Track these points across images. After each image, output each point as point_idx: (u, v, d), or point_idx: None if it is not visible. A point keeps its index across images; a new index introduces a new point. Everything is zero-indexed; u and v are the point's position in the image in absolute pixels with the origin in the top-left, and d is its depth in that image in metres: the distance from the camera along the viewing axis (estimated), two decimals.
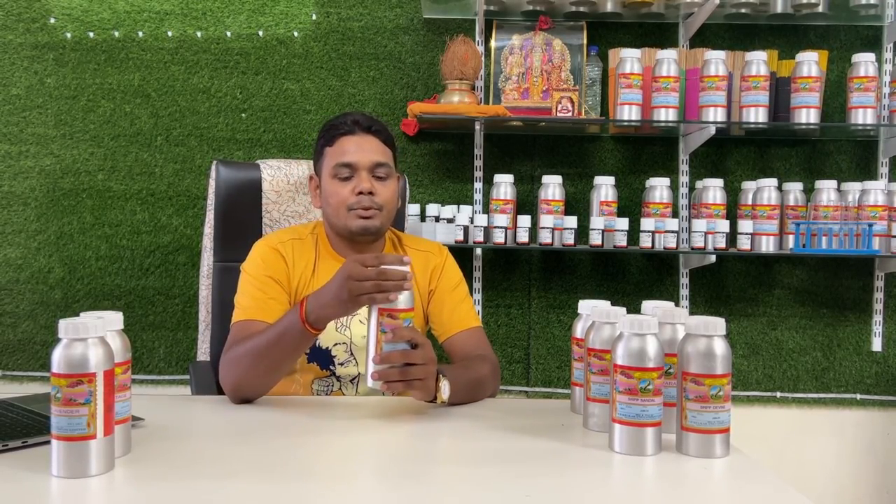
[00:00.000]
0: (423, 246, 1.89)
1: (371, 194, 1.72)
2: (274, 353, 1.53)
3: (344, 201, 1.73)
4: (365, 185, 1.71)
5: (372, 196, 1.72)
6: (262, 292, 1.71)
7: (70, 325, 1.11)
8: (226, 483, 1.12)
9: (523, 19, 2.83)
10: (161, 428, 1.37)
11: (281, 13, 2.81)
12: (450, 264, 1.87)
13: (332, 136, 1.77)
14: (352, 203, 1.72)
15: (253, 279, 1.73)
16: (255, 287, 1.72)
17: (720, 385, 1.22)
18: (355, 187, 1.72)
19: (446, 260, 1.87)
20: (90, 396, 1.09)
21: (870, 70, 2.57)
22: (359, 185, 1.71)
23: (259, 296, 1.71)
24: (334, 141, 1.76)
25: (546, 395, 2.86)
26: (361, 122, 1.77)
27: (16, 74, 2.78)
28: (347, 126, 1.76)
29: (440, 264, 1.85)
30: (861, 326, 2.85)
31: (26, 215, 2.79)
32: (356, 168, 1.73)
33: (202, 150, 2.81)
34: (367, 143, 1.75)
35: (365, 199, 1.71)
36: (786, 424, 2.87)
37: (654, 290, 2.84)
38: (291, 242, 1.79)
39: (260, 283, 1.72)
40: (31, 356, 2.80)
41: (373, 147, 1.75)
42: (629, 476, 1.19)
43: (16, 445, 1.23)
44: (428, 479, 1.18)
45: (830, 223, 2.58)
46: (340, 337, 1.76)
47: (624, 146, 2.87)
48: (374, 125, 1.77)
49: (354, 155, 1.73)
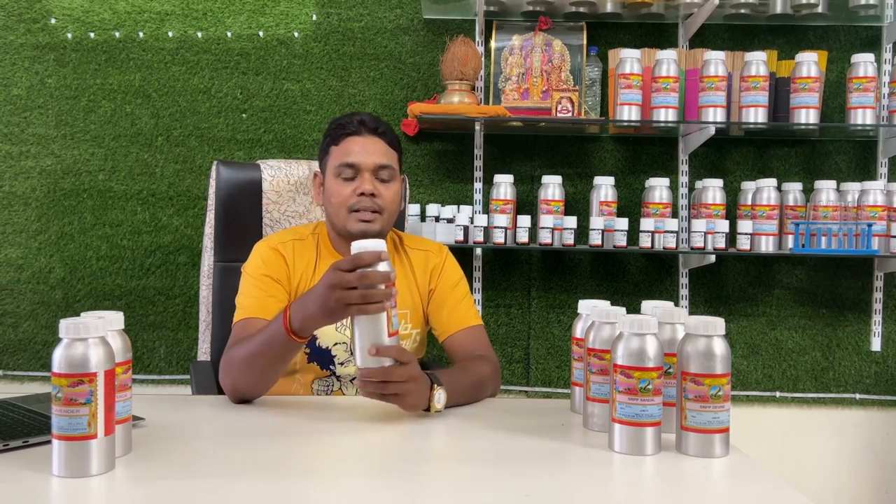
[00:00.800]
0: (424, 245, 1.89)
1: (373, 196, 1.72)
2: (262, 360, 1.52)
3: (345, 201, 1.73)
4: (367, 187, 1.72)
5: (373, 198, 1.72)
6: (262, 291, 1.72)
7: (71, 325, 1.11)
8: (226, 482, 1.12)
9: (523, 20, 2.83)
10: (162, 428, 1.37)
11: (281, 14, 2.81)
12: (450, 263, 1.87)
13: (339, 136, 1.77)
14: (353, 204, 1.72)
15: (253, 279, 1.74)
16: (255, 287, 1.73)
17: (720, 385, 1.23)
18: (357, 188, 1.72)
19: (446, 259, 1.87)
20: (91, 396, 1.09)
21: (869, 70, 2.57)
22: (361, 187, 1.72)
23: (259, 295, 1.71)
24: (340, 140, 1.77)
25: (546, 394, 2.87)
26: (368, 122, 1.77)
27: (17, 75, 2.79)
28: (354, 126, 1.76)
29: (440, 263, 1.86)
30: (860, 326, 2.85)
31: (27, 215, 2.80)
32: (359, 169, 1.73)
33: (203, 150, 2.81)
34: (372, 144, 1.75)
35: (366, 201, 1.72)
36: (785, 424, 2.87)
37: (653, 290, 2.85)
38: (292, 243, 1.80)
39: (260, 282, 1.73)
40: (32, 356, 2.81)
41: (377, 149, 1.75)
42: (629, 475, 1.19)
43: (17, 445, 1.23)
44: (428, 478, 1.18)
45: (830, 223, 2.58)
46: (340, 337, 1.77)
47: (623, 146, 2.87)
48: (381, 127, 1.77)
49: (359, 156, 1.73)
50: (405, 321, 1.81)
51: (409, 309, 1.81)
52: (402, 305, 1.79)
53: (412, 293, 1.83)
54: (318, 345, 1.77)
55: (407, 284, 1.82)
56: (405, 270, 1.84)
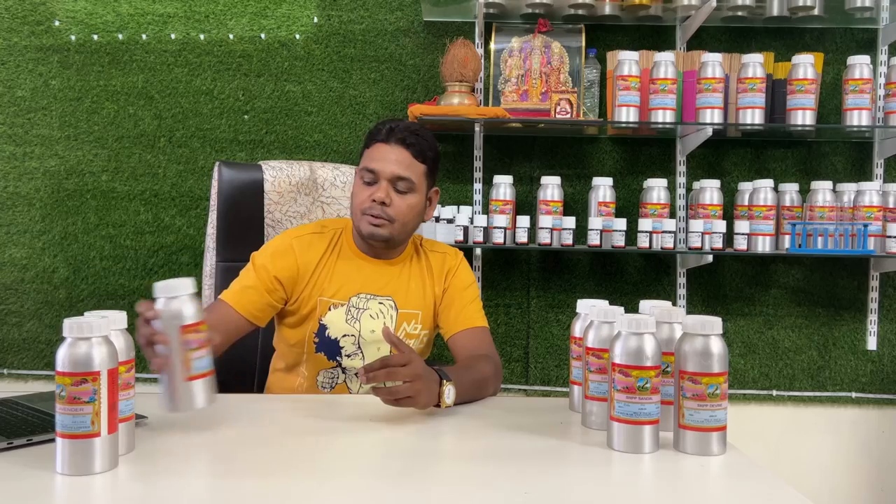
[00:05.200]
0: (441, 248, 1.95)
1: (384, 204, 1.76)
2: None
3: (361, 204, 1.78)
4: (379, 195, 1.75)
5: (384, 206, 1.76)
6: (248, 280, 1.78)
7: (74, 325, 1.11)
8: (229, 481, 1.13)
9: (522, 22, 2.85)
10: (164, 426, 1.38)
11: (283, 16, 2.83)
12: (464, 267, 1.93)
13: (371, 139, 1.81)
14: (366, 208, 1.77)
15: (252, 266, 1.81)
16: (247, 276, 1.79)
17: (717, 383, 1.24)
18: (373, 194, 1.76)
19: (461, 263, 1.93)
20: (94, 395, 1.10)
21: (865, 72, 2.59)
22: (375, 193, 1.76)
23: (244, 283, 1.78)
24: (371, 144, 1.81)
25: (545, 393, 2.89)
26: (397, 131, 1.79)
27: (21, 76, 2.81)
28: (384, 133, 1.79)
29: (455, 266, 1.91)
30: (856, 325, 2.87)
31: (31, 216, 2.81)
32: (378, 176, 1.77)
33: (205, 151, 2.83)
34: (395, 153, 1.77)
35: (377, 208, 1.76)
36: (782, 422, 2.89)
37: (651, 290, 2.87)
38: (309, 236, 1.85)
39: (254, 271, 1.79)
40: (36, 355, 2.83)
41: (400, 159, 1.77)
42: (627, 473, 1.20)
43: (21, 443, 1.24)
44: (428, 476, 1.19)
45: (826, 223, 2.60)
46: (350, 329, 1.80)
47: (622, 147, 2.89)
48: (409, 138, 1.78)
49: (379, 163, 1.77)
50: (415, 321, 1.85)
51: (420, 310, 1.86)
52: (415, 306, 1.85)
53: (426, 295, 1.87)
54: (327, 335, 1.80)
55: (422, 286, 1.87)
56: (422, 272, 1.89)
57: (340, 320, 1.80)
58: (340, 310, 1.80)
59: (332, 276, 1.82)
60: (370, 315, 1.81)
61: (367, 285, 1.83)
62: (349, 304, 1.81)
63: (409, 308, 1.85)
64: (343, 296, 1.81)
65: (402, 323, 1.84)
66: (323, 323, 1.80)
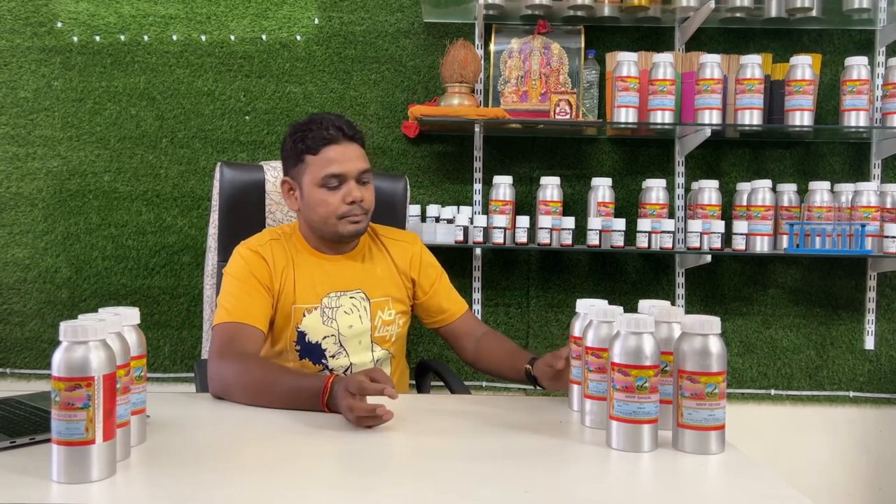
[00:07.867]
0: (398, 236, 2.01)
1: (361, 201, 1.80)
2: (275, 400, 1.53)
3: (334, 211, 1.79)
4: (356, 195, 1.79)
5: (361, 203, 1.80)
6: (244, 293, 1.77)
7: (70, 328, 1.07)
8: (229, 480, 1.14)
9: (522, 23, 2.86)
10: (165, 425, 1.39)
11: (284, 17, 2.84)
12: (426, 253, 2.01)
13: (316, 145, 1.80)
14: (343, 212, 1.79)
15: (237, 282, 1.78)
16: (238, 288, 1.78)
17: (715, 383, 1.25)
18: (345, 196, 1.78)
19: (421, 249, 2.00)
20: (88, 401, 1.06)
21: (862, 73, 2.60)
22: (349, 195, 1.78)
23: (242, 296, 1.76)
24: (319, 150, 1.79)
25: (544, 392, 2.89)
26: (344, 129, 1.81)
27: (23, 77, 2.82)
28: (330, 134, 1.79)
29: (417, 252, 1.98)
30: (854, 325, 2.88)
31: (34, 216, 2.82)
32: (345, 178, 1.79)
33: (206, 151, 2.84)
34: (351, 151, 1.81)
35: (356, 208, 1.79)
36: (780, 421, 2.90)
37: (650, 290, 2.88)
38: (270, 244, 1.86)
39: (245, 284, 1.78)
40: (39, 354, 2.84)
41: (356, 154, 1.82)
42: (626, 472, 1.21)
43: (23, 442, 1.24)
44: (428, 474, 1.20)
45: (824, 224, 2.61)
46: (328, 329, 1.82)
47: (621, 148, 2.90)
48: (353, 131, 1.83)
49: (343, 165, 1.78)
50: (388, 307, 1.90)
51: (390, 295, 1.91)
52: (384, 293, 1.90)
53: (395, 281, 1.93)
54: (307, 340, 1.82)
55: (388, 272, 1.93)
56: (385, 258, 1.95)
57: (317, 323, 1.82)
58: (315, 313, 1.82)
59: (299, 282, 1.83)
60: (344, 311, 1.84)
61: (336, 283, 1.85)
62: (322, 306, 1.83)
63: (380, 296, 1.89)
64: (314, 299, 1.83)
65: (376, 312, 1.87)
66: (301, 330, 1.82)
